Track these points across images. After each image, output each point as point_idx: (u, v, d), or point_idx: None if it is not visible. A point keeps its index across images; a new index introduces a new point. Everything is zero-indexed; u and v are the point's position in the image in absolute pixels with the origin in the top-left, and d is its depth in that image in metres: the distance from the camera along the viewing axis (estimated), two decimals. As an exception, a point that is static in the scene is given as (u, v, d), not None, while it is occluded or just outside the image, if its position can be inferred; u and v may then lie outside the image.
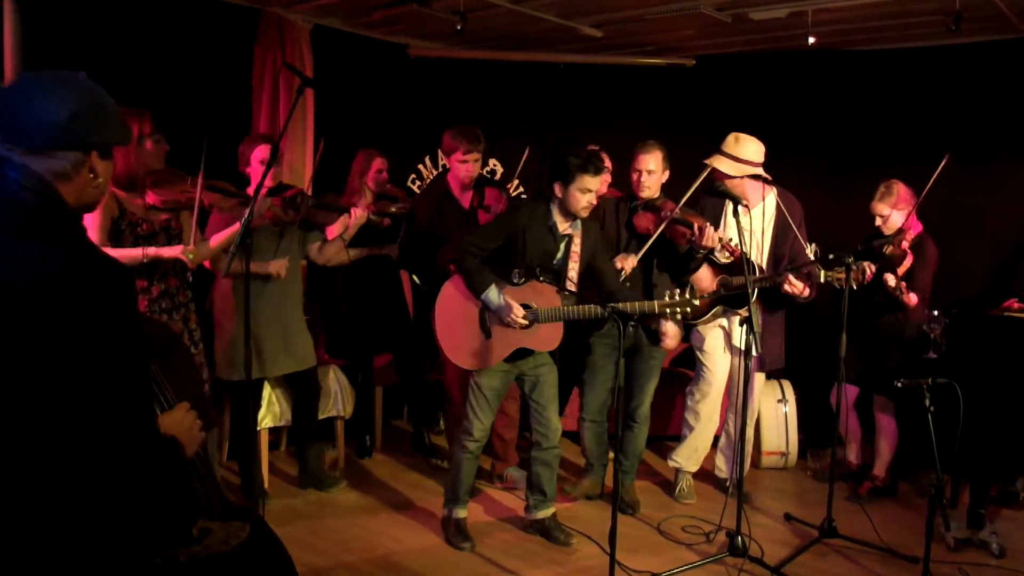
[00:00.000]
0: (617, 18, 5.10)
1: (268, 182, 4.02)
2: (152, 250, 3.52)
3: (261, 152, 3.98)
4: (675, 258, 4.11)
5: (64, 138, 1.50)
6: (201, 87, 4.66)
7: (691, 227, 3.95)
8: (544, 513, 3.93)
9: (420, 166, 6.06)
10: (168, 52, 4.58)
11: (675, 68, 6.00)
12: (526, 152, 4.84)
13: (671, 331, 4.24)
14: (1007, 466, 4.33)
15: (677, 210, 3.94)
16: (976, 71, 5.14)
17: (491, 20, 5.18)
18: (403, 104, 5.90)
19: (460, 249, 3.69)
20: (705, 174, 4.11)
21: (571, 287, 3.71)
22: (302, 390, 4.38)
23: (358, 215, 4.23)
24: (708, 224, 3.92)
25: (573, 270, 3.75)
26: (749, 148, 4.16)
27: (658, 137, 4.20)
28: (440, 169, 5.94)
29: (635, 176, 4.10)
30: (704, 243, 3.91)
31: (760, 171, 4.17)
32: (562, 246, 3.75)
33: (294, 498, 4.36)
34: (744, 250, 3.67)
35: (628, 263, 4.01)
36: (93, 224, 3.46)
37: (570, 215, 3.69)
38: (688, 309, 3.51)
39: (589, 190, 3.59)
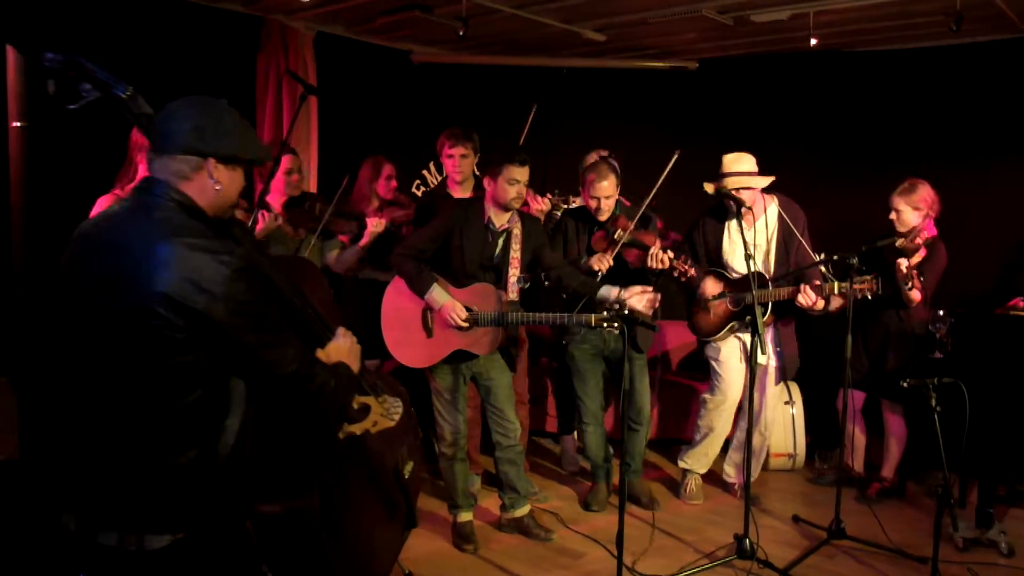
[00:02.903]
0: (619, 22, 5.12)
1: (281, 193, 4.02)
2: None
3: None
4: (635, 275, 4.05)
5: (183, 143, 1.85)
6: (205, 95, 4.67)
7: (644, 248, 3.95)
8: (521, 511, 3.96)
9: (424, 171, 6.07)
10: (171, 61, 4.60)
11: (678, 71, 6.01)
12: (532, 110, 4.76)
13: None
14: (1015, 465, 4.31)
15: (629, 232, 3.94)
16: (978, 71, 5.14)
17: (493, 25, 5.20)
18: (407, 110, 5.92)
19: (397, 254, 3.73)
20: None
21: (511, 286, 3.72)
22: None
23: (375, 223, 4.19)
24: (658, 246, 3.90)
25: (515, 267, 3.75)
26: (747, 160, 4.13)
27: (663, 140, 4.18)
28: (445, 175, 5.95)
29: (593, 204, 4.08)
30: (651, 264, 3.90)
31: (758, 179, 4.14)
32: (500, 242, 3.76)
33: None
34: (752, 263, 3.66)
35: (603, 263, 3.96)
36: None
37: (505, 210, 3.71)
38: (618, 322, 3.36)
39: (517, 180, 3.63)
